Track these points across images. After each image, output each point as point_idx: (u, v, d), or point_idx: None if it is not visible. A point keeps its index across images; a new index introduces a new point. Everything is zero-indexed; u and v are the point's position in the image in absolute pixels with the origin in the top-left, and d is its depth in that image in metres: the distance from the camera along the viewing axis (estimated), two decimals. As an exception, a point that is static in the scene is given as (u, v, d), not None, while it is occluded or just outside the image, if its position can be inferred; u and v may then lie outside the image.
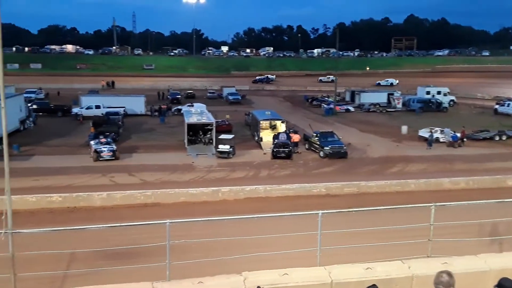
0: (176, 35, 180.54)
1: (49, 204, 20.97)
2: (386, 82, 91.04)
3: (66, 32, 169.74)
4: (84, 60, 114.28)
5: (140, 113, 49.29)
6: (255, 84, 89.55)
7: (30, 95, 53.70)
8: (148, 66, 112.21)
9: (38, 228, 10.41)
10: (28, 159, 29.50)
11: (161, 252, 8.93)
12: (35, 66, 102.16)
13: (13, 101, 36.60)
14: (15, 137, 33.73)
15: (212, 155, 31.66)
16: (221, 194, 22.83)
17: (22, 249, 9.00)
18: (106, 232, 13.87)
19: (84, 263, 12.47)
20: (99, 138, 31.92)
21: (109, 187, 24.17)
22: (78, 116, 45.74)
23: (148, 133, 39.91)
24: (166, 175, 27.13)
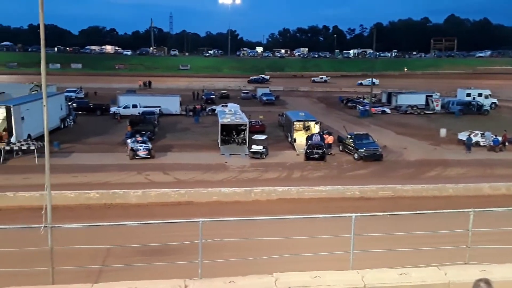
0: (211, 36, 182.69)
1: (87, 200, 21.59)
2: (368, 82, 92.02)
3: (105, 33, 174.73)
4: (122, 61, 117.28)
5: (175, 112, 50.09)
6: (251, 83, 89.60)
7: (70, 94, 55.56)
8: (184, 66, 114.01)
9: (76, 223, 10.71)
10: (68, 156, 30.49)
11: (194, 250, 9.02)
12: (75, 66, 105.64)
13: (55, 100, 37.99)
14: (56, 134, 34.94)
15: (245, 156, 31.77)
16: (254, 195, 22.86)
17: (60, 243, 9.28)
18: (141, 229, 14.15)
19: (119, 259, 12.76)
20: (135, 137, 32.64)
21: (144, 185, 24.63)
22: (115, 115, 46.92)
23: (183, 133, 40.48)
24: (199, 174, 27.42)
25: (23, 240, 10.11)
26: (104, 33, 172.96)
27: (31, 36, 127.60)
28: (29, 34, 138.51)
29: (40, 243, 9.11)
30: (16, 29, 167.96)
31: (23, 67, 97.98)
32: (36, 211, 10.39)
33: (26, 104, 33.00)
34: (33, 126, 31.57)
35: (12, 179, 24.97)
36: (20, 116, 31.72)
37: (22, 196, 21.03)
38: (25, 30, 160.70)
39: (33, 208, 18.54)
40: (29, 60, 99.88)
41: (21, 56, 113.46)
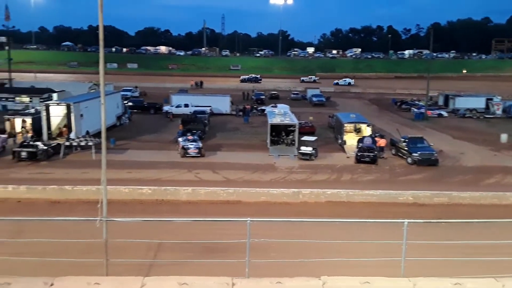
0: (262, 37, 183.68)
1: (140, 195, 22.28)
2: (344, 82, 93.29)
3: (160, 34, 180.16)
4: (175, 61, 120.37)
5: (225, 112, 50.69)
6: (243, 83, 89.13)
7: (126, 93, 57.60)
8: (235, 66, 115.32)
9: (129, 217, 11.08)
10: (123, 153, 31.64)
11: (241, 249, 9.05)
12: (131, 66, 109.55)
13: (112, 98, 39.55)
14: (112, 131, 36.36)
15: (294, 157, 31.60)
16: (302, 196, 22.69)
17: (114, 236, 9.63)
18: (190, 226, 14.41)
19: (169, 254, 13.06)
20: (186, 135, 33.36)
21: (194, 183, 25.08)
22: (168, 114, 48.12)
23: (232, 132, 40.89)
24: (248, 174, 27.57)
25: (80, 231, 10.58)
26: (159, 34, 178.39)
27: (91, 36, 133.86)
28: (89, 35, 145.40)
29: (96, 235, 9.49)
30: (76, 30, 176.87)
31: (83, 67, 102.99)
32: (92, 205, 10.84)
33: (85, 102, 34.57)
34: (91, 123, 33.01)
35: (71, 173, 26.25)
36: (79, 113, 33.26)
37: (80, 190, 22.05)
38: (85, 31, 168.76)
39: (90, 202, 19.38)
40: (89, 59, 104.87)
41: (81, 56, 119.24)
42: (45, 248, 11.09)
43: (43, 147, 29.55)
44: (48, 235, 10.70)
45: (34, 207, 20.62)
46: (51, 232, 11.13)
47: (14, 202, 21.47)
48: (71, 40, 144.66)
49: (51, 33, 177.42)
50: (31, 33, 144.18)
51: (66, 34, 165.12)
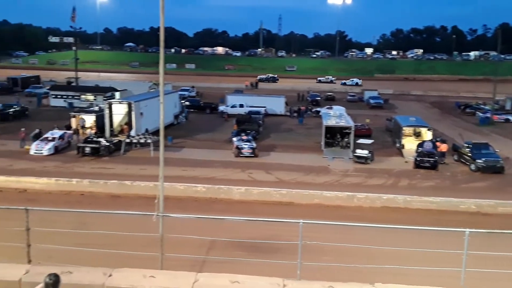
0: (319, 37, 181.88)
1: (195, 193, 22.78)
2: (351, 82, 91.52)
3: (217, 35, 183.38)
4: (232, 62, 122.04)
5: (279, 113, 50.70)
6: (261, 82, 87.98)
7: (184, 93, 59.15)
8: (290, 67, 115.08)
9: (184, 214, 11.34)
10: (179, 151, 32.50)
11: (293, 251, 8.98)
12: (189, 66, 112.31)
13: (170, 97, 40.75)
14: (170, 130, 37.42)
15: (349, 160, 31.02)
16: (356, 200, 22.20)
17: (170, 231, 9.88)
18: (242, 225, 14.50)
19: (222, 251, 13.23)
20: (241, 135, 33.71)
21: (247, 182, 25.28)
22: (223, 113, 48.86)
23: (286, 133, 40.80)
24: (301, 175, 27.40)
25: (138, 225, 10.95)
26: (216, 35, 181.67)
27: (152, 37, 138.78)
28: (150, 36, 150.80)
29: (152, 230, 9.78)
30: (139, 31, 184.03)
31: (144, 67, 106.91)
32: (149, 200, 11.18)
33: (145, 101, 35.88)
34: (150, 121, 34.20)
35: (130, 169, 27.34)
36: (140, 111, 34.56)
37: (138, 186, 22.89)
38: (146, 32, 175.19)
39: (147, 197, 20.06)
40: (149, 60, 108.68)
41: (142, 56, 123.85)
42: (105, 240, 11.59)
43: (105, 143, 31.01)
44: (108, 227, 11.19)
45: (96, 200, 21.68)
46: (111, 225, 11.62)
47: (77, 195, 22.68)
48: (133, 41, 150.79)
49: (115, 34, 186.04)
50: (96, 34, 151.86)
51: (129, 35, 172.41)
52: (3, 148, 31.70)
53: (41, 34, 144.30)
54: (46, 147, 30.35)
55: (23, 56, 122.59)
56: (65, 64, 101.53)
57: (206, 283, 7.93)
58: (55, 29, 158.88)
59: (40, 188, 23.21)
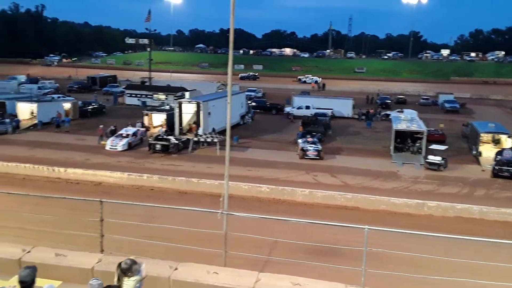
0: (391, 38, 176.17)
1: (258, 193, 22.92)
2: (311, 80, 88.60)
3: (286, 36, 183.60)
4: (299, 63, 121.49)
5: (347, 115, 49.70)
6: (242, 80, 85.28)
7: (250, 94, 59.82)
8: (360, 69, 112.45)
9: (248, 213, 11.42)
10: (245, 151, 32.89)
11: (356, 257, 8.75)
12: (257, 67, 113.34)
13: (237, 98, 41.38)
14: (236, 130, 38.01)
15: (419, 166, 29.67)
16: (427, 209, 21.17)
17: (233, 229, 9.99)
18: (305, 227, 14.35)
19: (284, 253, 13.16)
20: (306, 137, 33.44)
21: (312, 185, 25.00)
22: (289, 115, 48.77)
23: (353, 136, 39.90)
24: (367, 180, 26.64)
25: (203, 222, 11.18)
26: (284, 36, 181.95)
27: (221, 39, 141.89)
28: (220, 38, 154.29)
29: (216, 227, 9.94)
30: (209, 33, 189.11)
31: (213, 67, 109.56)
32: (214, 198, 11.42)
33: (213, 101, 36.71)
34: (217, 121, 34.94)
35: (197, 167, 28.09)
36: (208, 111, 35.43)
37: (204, 183, 23.46)
38: (216, 34, 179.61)
39: (212, 195, 20.54)
40: (218, 61, 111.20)
41: (211, 57, 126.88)
42: (171, 234, 11.97)
43: (174, 141, 32.13)
44: (175, 222, 11.54)
45: (164, 195, 22.51)
46: (177, 220, 11.98)
47: (147, 190, 23.69)
48: (203, 42, 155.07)
49: (186, 36, 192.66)
50: (169, 36, 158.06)
51: (199, 37, 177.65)
52: (82, 143, 33.90)
53: (118, 36, 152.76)
54: (120, 143, 32.02)
55: (102, 56, 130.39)
56: (140, 64, 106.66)
57: (268, 283, 7.93)
58: (131, 31, 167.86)
59: (114, 181, 24.53)
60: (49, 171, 25.39)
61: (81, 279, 7.23)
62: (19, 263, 8.17)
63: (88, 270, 8.18)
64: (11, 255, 8.54)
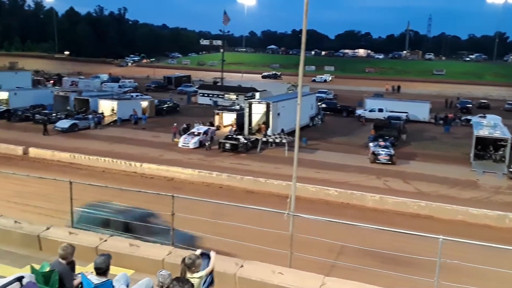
0: (474, 39, 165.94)
1: (326, 196, 22.57)
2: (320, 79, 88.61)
3: (360, 37, 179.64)
4: (373, 64, 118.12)
5: (423, 120, 47.57)
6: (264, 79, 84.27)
7: (321, 95, 59.19)
8: (438, 71, 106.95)
9: (314, 216, 11.26)
10: (313, 153, 32.56)
11: (428, 267, 8.36)
12: (328, 69, 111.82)
13: (307, 99, 41.09)
14: (305, 131, 37.73)
15: (502, 175, 27.62)
16: (509, 221, 19.65)
17: (299, 231, 9.91)
18: (373, 233, 13.90)
19: (350, 258, 12.83)
20: (378, 141, 32.45)
21: (382, 190, 24.18)
22: (361, 117, 47.66)
23: (429, 142, 38.07)
24: (444, 188, 25.26)
25: (269, 222, 11.21)
26: (358, 37, 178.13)
27: (293, 40, 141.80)
28: (291, 39, 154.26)
29: (282, 228, 9.91)
30: (281, 34, 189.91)
31: (283, 68, 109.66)
32: (281, 198, 11.38)
33: (283, 102, 36.76)
34: (287, 121, 34.92)
35: (265, 167, 28.27)
36: (277, 112, 35.55)
37: (271, 183, 23.55)
38: (288, 35, 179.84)
39: (279, 196, 20.55)
40: (289, 62, 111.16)
41: (282, 58, 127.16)
42: (238, 232, 12.11)
43: (243, 140, 32.60)
44: (241, 220, 11.67)
45: (232, 194, 22.88)
46: (243, 218, 12.11)
47: (216, 187, 24.25)
48: (275, 43, 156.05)
49: (259, 37, 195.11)
50: (242, 37, 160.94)
51: (271, 38, 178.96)
52: (157, 139, 35.47)
53: (194, 37, 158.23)
54: (192, 141, 33.09)
55: (177, 57, 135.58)
56: (213, 65, 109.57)
57: (334, 287, 7.76)
58: (206, 33, 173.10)
59: (185, 178, 25.40)
60: (126, 165, 26.86)
61: (152, 270, 7.50)
62: (96, 251, 8.69)
63: (159, 262, 8.50)
64: (89, 243, 9.11)
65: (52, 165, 27.45)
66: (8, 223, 9.87)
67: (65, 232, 9.55)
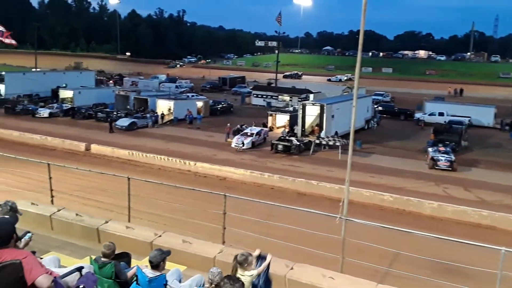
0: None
1: (381, 201, 21.96)
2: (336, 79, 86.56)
3: (420, 37, 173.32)
4: (434, 66, 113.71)
5: (487, 125, 45.17)
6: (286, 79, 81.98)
7: (377, 98, 57.71)
8: (505, 74, 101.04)
9: (367, 221, 10.98)
10: (368, 156, 31.79)
11: (487, 279, 7.94)
12: (386, 71, 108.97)
13: (363, 101, 40.22)
14: (359, 134, 36.79)
15: None
16: None
17: (351, 235, 9.70)
18: (432, 243, 13.33)
19: (405, 266, 12.40)
20: (438, 146, 31.18)
21: (441, 198, 23.17)
22: (419, 121, 46.03)
23: (494, 149, 36.05)
24: (508, 198, 23.77)
25: (320, 225, 11.06)
26: (419, 38, 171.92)
27: (350, 41, 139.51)
28: (348, 39, 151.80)
29: (333, 232, 9.75)
30: (337, 35, 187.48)
31: (339, 70, 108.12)
32: (333, 202, 11.21)
33: (337, 104, 36.21)
34: (341, 124, 34.35)
35: (317, 170, 27.95)
36: (331, 114, 35.06)
37: (323, 186, 23.25)
38: (345, 35, 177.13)
39: (331, 199, 20.27)
40: (345, 63, 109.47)
41: (338, 60, 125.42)
42: (288, 234, 12.06)
43: (296, 142, 32.44)
44: (292, 222, 11.61)
45: (283, 195, 22.84)
46: (294, 220, 12.04)
47: (268, 188, 24.29)
48: (331, 44, 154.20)
49: (314, 38, 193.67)
50: (297, 38, 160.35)
51: (327, 39, 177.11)
52: (211, 139, 36.10)
53: (249, 39, 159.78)
54: (245, 142, 33.37)
55: (233, 58, 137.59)
56: (268, 66, 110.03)
57: (386, 296, 7.52)
58: (261, 34, 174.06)
59: (237, 178, 25.66)
60: (180, 163, 27.57)
61: (203, 267, 7.63)
62: (151, 246, 8.96)
63: (210, 259, 8.63)
64: (145, 237, 9.41)
65: (112, 161, 28.71)
66: (70, 216, 10.41)
67: (122, 226, 9.93)
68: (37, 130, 35.71)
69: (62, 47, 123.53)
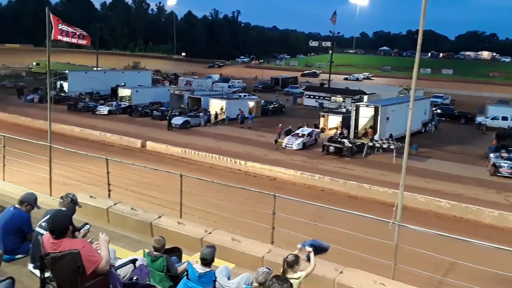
0: None
1: (437, 208, 21.12)
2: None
3: (484, 38, 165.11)
4: (498, 68, 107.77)
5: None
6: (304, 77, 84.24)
7: (436, 100, 55.56)
8: None
9: (422, 227, 10.56)
10: (424, 161, 30.64)
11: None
12: (446, 72, 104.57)
13: (420, 104, 38.74)
14: (416, 138, 35.61)
15: None
16: None
17: (404, 242, 9.37)
18: (492, 253, 12.62)
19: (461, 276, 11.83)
20: (500, 152, 29.53)
21: (503, 206, 21.92)
22: (481, 125, 43.90)
23: None
24: None
25: (371, 229, 10.78)
26: (482, 38, 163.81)
27: (408, 41, 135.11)
28: (406, 40, 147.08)
29: (386, 237, 9.46)
30: (394, 35, 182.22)
31: (395, 71, 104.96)
32: (386, 207, 10.88)
33: (393, 106, 35.16)
34: (396, 126, 33.33)
35: (370, 173, 27.29)
36: (386, 116, 34.09)
37: (376, 190, 22.67)
38: (403, 35, 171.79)
39: (384, 203, 19.74)
40: (402, 64, 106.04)
41: (395, 60, 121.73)
42: (338, 237, 11.84)
43: (348, 144, 31.85)
44: (342, 225, 11.39)
45: (334, 198, 22.50)
46: (344, 223, 11.81)
47: (318, 190, 24.03)
48: (388, 45, 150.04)
49: (370, 38, 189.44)
50: (352, 38, 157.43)
51: (384, 39, 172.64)
52: (262, 139, 36.22)
53: (303, 39, 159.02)
54: (296, 142, 33.20)
55: (285, 58, 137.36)
56: (321, 66, 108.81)
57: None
58: (315, 34, 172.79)
59: (287, 178, 25.58)
60: (231, 162, 27.88)
61: (251, 266, 7.66)
62: (201, 242, 9.11)
63: (259, 258, 8.64)
64: (195, 234, 9.59)
65: (166, 158, 29.54)
66: (125, 210, 10.81)
67: (174, 222, 10.18)
68: (97, 126, 37.46)
69: (121, 47, 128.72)
